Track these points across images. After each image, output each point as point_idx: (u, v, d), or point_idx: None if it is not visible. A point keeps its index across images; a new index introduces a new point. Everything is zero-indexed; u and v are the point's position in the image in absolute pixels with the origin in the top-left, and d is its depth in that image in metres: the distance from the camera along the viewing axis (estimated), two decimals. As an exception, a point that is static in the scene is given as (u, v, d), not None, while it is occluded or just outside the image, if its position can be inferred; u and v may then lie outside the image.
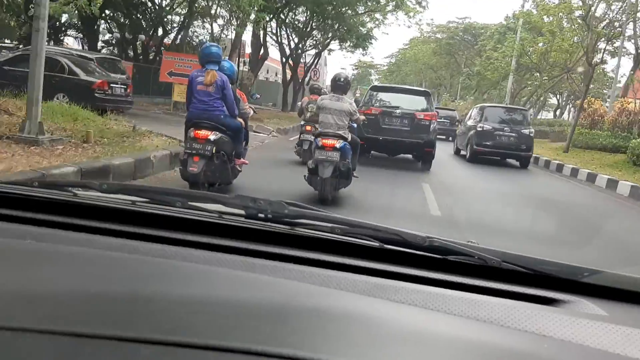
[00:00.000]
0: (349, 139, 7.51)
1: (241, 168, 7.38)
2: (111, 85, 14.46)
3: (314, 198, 7.05)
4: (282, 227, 1.29)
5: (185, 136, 6.64)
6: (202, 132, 6.35)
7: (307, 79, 34.92)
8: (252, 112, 8.19)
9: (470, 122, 17.34)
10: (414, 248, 1.27)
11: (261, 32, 27.57)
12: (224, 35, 30.68)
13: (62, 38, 25.82)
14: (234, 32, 22.61)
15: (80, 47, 24.99)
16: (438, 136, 15.67)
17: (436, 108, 23.68)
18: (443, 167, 13.77)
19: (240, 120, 7.10)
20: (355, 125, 8.23)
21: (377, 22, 37.04)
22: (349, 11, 30.33)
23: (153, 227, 1.25)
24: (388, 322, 0.96)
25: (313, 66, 35.16)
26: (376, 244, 1.27)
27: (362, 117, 8.82)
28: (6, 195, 1.29)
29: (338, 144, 7.21)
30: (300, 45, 34.88)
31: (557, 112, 44.75)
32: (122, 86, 14.97)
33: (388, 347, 0.85)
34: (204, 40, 34.89)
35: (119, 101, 14.75)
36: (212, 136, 6.36)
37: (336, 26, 31.16)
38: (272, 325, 0.85)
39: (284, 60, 34.78)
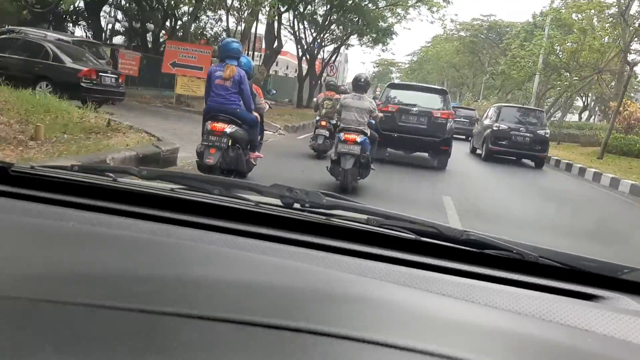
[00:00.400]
0: (369, 134, 8.05)
1: (256, 161, 7.45)
2: (100, 74, 13.01)
3: (335, 188, 7.53)
4: (318, 217, 1.30)
5: (203, 128, 6.73)
6: (219, 125, 6.48)
7: (324, 74, 33.31)
8: (267, 107, 8.27)
9: (486, 122, 17.22)
10: (451, 241, 1.27)
11: (275, 24, 26.05)
12: (240, 28, 29.38)
13: (67, 26, 24.55)
14: (244, 23, 20.96)
15: (84, 36, 23.70)
16: (457, 135, 16.35)
17: (455, 107, 23.11)
18: (457, 165, 13.65)
19: (256, 114, 7.20)
20: (373, 122, 8.56)
21: (398, 17, 35.55)
22: (370, 4, 28.68)
23: (191, 214, 1.26)
24: (430, 311, 0.97)
25: (330, 61, 33.50)
26: (412, 236, 1.27)
27: (381, 115, 9.32)
28: (49, 179, 1.32)
29: (359, 138, 7.72)
30: (318, 40, 33.30)
31: (583, 115, 42.64)
32: (112, 76, 13.51)
33: (430, 335, 0.85)
34: (218, 32, 33.68)
35: (109, 92, 13.29)
36: (228, 129, 6.48)
37: (355, 19, 29.52)
38: (318, 308, 0.88)
39: (300, 54, 33.21)
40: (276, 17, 26.03)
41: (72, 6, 21.09)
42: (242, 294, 0.88)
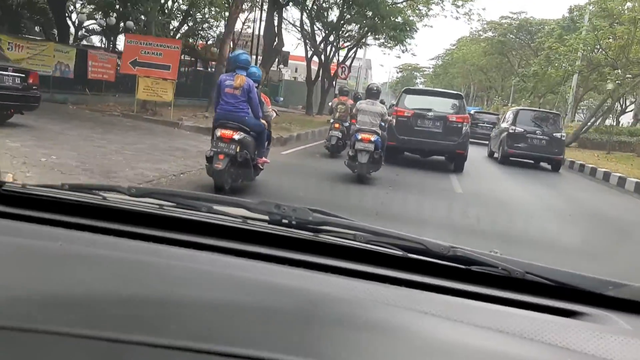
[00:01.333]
0: (380, 134, 9.67)
1: (263, 166, 7.58)
2: (-9, 72, 9.25)
3: (353, 179, 9.31)
4: (305, 234, 1.30)
5: (212, 135, 6.85)
6: (228, 132, 6.64)
7: (339, 76, 29.30)
8: (275, 114, 8.33)
9: (503, 125, 17.04)
10: (438, 257, 1.27)
11: (275, 19, 22.24)
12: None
13: (21, 23, 21.01)
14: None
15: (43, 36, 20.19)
16: (479, 141, 17.86)
17: (479, 112, 25.14)
18: (473, 166, 13.66)
19: (264, 121, 7.41)
20: (384, 124, 10.23)
21: (419, 14, 31.52)
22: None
23: (180, 232, 1.27)
24: (412, 332, 0.97)
25: (344, 63, 29.56)
26: (400, 252, 1.27)
27: (390, 118, 11.06)
28: (37, 198, 1.32)
29: (373, 137, 9.24)
30: (330, 39, 29.43)
31: (621, 119, 37.86)
32: (14, 75, 9.72)
33: (415, 357, 0.87)
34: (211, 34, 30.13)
35: (11, 97, 9.52)
36: (237, 136, 6.64)
37: (368, 14, 25.56)
38: (298, 333, 0.87)
39: (309, 55, 29.40)
40: (275, 13, 22.24)
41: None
42: (221, 317, 0.89)
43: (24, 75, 9.94)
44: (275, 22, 22.40)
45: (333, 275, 1.16)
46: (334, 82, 29.49)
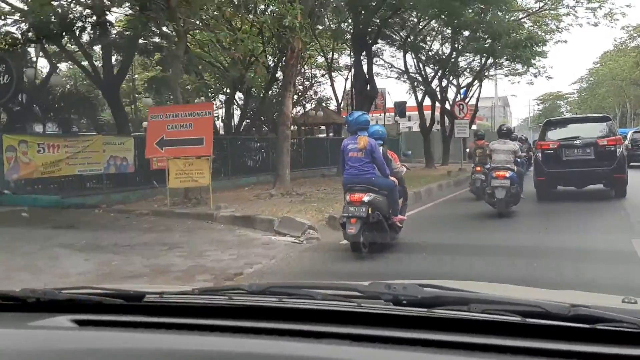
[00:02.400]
0: (515, 170, 9.84)
1: (402, 224, 7.33)
2: None
3: (493, 213, 9.65)
4: (419, 310, 1.29)
5: (344, 201, 6.80)
6: (357, 195, 6.60)
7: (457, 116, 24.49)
8: (405, 169, 8.07)
9: None
10: (558, 319, 1.20)
11: (365, 64, 18.28)
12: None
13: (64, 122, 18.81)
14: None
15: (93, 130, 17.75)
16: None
17: (636, 132, 23.04)
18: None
19: (393, 179, 7.17)
20: (520, 160, 10.50)
21: (547, 29, 26.02)
22: (499, 12, 19.79)
23: (300, 322, 1.33)
24: None
25: (459, 99, 24.75)
26: (517, 318, 1.21)
27: (523, 154, 12.01)
28: (174, 305, 1.49)
29: (507, 174, 9.53)
30: (439, 75, 24.87)
31: None
32: None
33: None
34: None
35: None
36: (366, 197, 6.56)
37: (481, 37, 20.76)
38: None
39: (419, 99, 24.99)
40: (364, 57, 18.29)
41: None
42: None
43: None
44: (365, 65, 18.37)
45: (450, 351, 1.15)
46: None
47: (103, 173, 13.78)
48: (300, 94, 25.07)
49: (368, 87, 17.97)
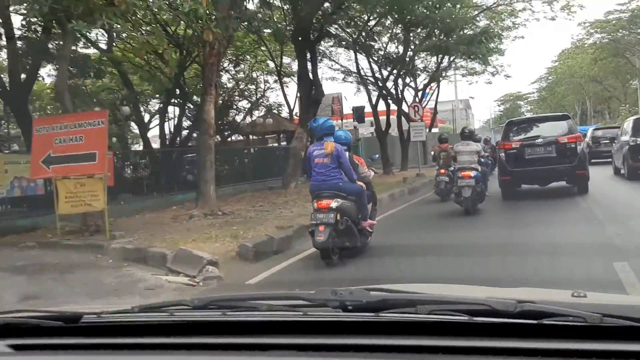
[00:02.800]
0: (480, 169, 10.26)
1: (372, 229, 7.22)
2: None
3: (460, 211, 9.90)
4: (366, 315, 1.28)
5: (313, 208, 6.64)
6: (324, 202, 6.45)
7: (412, 119, 22.96)
8: (372, 174, 7.96)
9: (623, 138, 15.46)
10: (505, 316, 1.19)
11: (309, 65, 16.55)
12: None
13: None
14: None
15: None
16: (603, 159, 18.50)
17: (596, 129, 23.43)
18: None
19: (361, 183, 7.06)
20: (483, 160, 11.13)
21: (503, 26, 24.77)
22: (452, 7, 18.27)
23: (244, 335, 1.32)
24: None
25: (416, 101, 23.21)
26: (465, 318, 1.20)
27: (486, 154, 13.05)
28: (113, 324, 1.44)
29: (472, 173, 9.83)
30: (393, 76, 23.32)
31: None
32: None
33: None
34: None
35: None
36: (334, 204, 6.42)
37: (435, 33, 19.25)
38: None
39: (373, 102, 23.41)
40: (308, 55, 16.59)
41: None
42: None
43: None
44: (310, 65, 16.66)
45: (398, 355, 1.15)
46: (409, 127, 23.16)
47: (6, 197, 11.79)
48: (250, 100, 23.30)
49: (314, 90, 16.20)
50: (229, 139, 23.01)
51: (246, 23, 13.46)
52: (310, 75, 16.49)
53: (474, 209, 9.98)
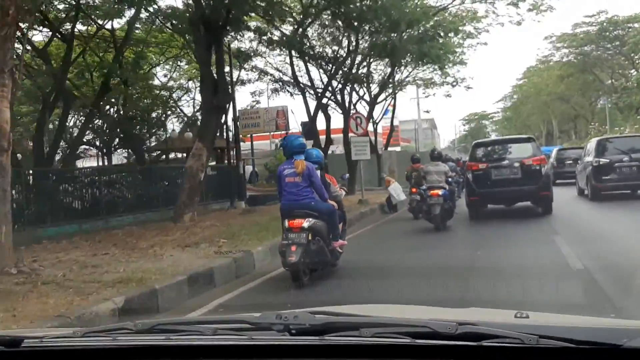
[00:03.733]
0: (447, 188, 10.58)
1: (342, 249, 7.10)
2: None
3: (430, 228, 10.21)
4: (310, 339, 1.29)
5: (282, 228, 6.57)
6: (296, 221, 6.35)
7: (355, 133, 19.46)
8: (344, 193, 8.25)
9: (586, 159, 15.09)
10: (446, 338, 1.22)
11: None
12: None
13: None
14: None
15: None
16: (567, 180, 18.35)
17: (561, 150, 23.34)
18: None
19: (333, 203, 6.93)
20: (450, 179, 11.19)
21: (465, 33, 21.64)
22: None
23: (189, 359, 1.33)
24: None
25: (356, 112, 19.67)
26: (407, 340, 1.23)
27: (453, 174, 12.39)
28: (55, 349, 1.42)
29: (441, 192, 10.23)
30: (337, 83, 19.79)
31: None
32: None
33: None
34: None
35: None
36: (306, 223, 6.34)
37: (378, 29, 15.74)
38: None
39: (312, 112, 19.83)
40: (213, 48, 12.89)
41: None
42: None
43: None
44: (214, 61, 12.95)
45: None
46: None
47: None
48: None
49: (216, 92, 12.42)
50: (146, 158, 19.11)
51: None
52: (214, 73, 12.76)
53: (443, 225, 10.39)
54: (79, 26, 15.49)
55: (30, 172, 12.76)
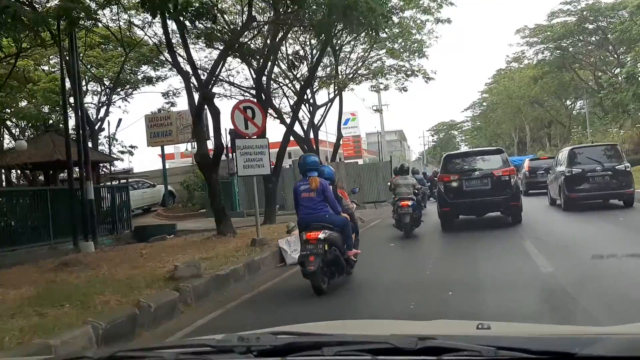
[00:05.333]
0: (415, 199, 11.51)
1: (356, 258, 7.50)
2: None
3: (401, 236, 11.12)
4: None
5: (300, 240, 6.89)
6: (313, 233, 6.63)
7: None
8: (355, 206, 8.70)
9: (558, 168, 15.12)
10: (406, 353, 1.25)
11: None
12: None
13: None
14: None
15: None
16: (540, 190, 18.31)
17: (532, 160, 23.47)
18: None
19: (345, 215, 7.35)
20: (417, 191, 12.05)
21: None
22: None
23: None
24: None
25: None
26: (368, 357, 1.25)
27: (420, 186, 13.57)
28: None
29: (409, 203, 11.09)
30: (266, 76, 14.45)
31: None
32: None
33: None
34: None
35: None
36: (322, 235, 6.63)
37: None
38: None
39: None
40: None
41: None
42: None
43: None
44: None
45: None
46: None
47: None
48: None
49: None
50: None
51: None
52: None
53: (411, 232, 11.19)
54: None
55: None
